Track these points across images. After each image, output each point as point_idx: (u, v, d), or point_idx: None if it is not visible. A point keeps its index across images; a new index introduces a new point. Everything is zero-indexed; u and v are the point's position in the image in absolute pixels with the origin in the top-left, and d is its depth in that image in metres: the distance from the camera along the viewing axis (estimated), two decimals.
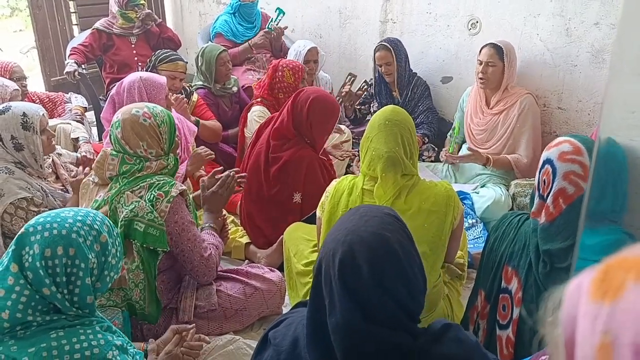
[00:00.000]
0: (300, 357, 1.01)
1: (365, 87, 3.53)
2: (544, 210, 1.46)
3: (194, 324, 1.72)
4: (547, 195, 1.43)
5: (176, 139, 1.92)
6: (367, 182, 1.79)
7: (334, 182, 1.90)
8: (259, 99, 3.00)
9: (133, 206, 1.74)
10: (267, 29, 3.91)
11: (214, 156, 2.78)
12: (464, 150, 3.12)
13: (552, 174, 1.41)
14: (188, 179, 2.70)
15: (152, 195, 1.77)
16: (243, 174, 2.25)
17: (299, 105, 2.47)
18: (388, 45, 3.30)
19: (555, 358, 0.54)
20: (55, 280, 1.17)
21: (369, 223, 0.99)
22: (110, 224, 1.32)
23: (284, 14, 3.90)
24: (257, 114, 2.92)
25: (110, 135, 1.87)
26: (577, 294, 0.52)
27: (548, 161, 1.43)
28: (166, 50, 3.16)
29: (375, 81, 3.52)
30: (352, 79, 3.52)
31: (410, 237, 1.03)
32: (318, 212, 1.90)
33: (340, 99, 3.49)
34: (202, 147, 2.79)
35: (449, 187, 1.77)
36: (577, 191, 1.37)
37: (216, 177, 2.13)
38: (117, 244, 1.32)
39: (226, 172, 2.14)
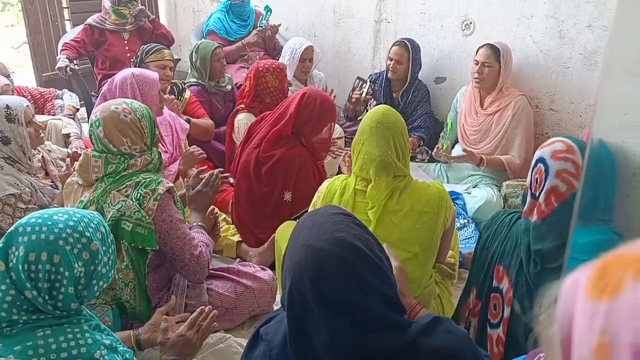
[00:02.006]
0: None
1: (371, 91, 3.49)
2: (535, 209, 1.46)
3: (211, 307, 1.63)
4: (540, 194, 1.44)
5: (156, 132, 1.90)
6: (359, 182, 1.79)
7: (326, 182, 1.89)
8: (243, 106, 2.98)
9: (120, 205, 1.72)
10: (259, 28, 3.89)
11: (206, 156, 2.78)
12: (456, 150, 3.13)
13: (544, 172, 1.42)
14: (181, 177, 2.69)
15: (138, 194, 1.74)
16: (227, 174, 2.25)
17: (309, 105, 2.47)
18: (408, 44, 3.28)
19: (551, 356, 0.53)
20: (37, 286, 1.14)
21: (321, 231, 0.98)
22: (106, 230, 1.28)
23: (270, 11, 3.88)
24: (244, 122, 2.90)
25: (90, 135, 1.83)
26: (573, 291, 0.51)
27: (541, 160, 1.44)
28: (150, 44, 3.14)
29: (377, 77, 3.50)
30: (362, 83, 3.48)
31: (362, 224, 1.04)
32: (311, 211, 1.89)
33: (350, 105, 3.46)
34: (194, 146, 2.78)
35: (441, 188, 1.77)
36: (570, 189, 1.38)
37: (200, 176, 2.14)
38: (110, 252, 1.28)
39: (210, 172, 2.14)
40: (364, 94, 3.45)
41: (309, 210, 1.90)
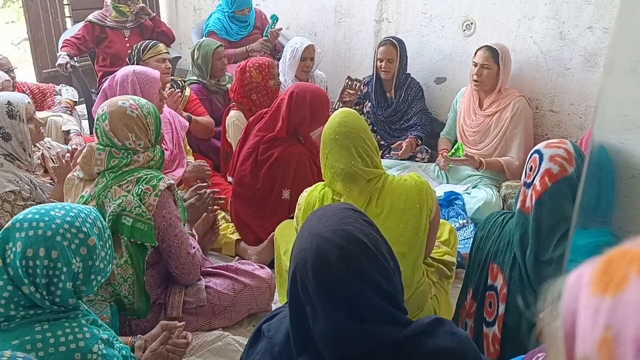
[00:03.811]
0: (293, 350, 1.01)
1: (359, 85, 3.49)
2: (531, 191, 1.52)
3: (184, 322, 1.70)
4: (534, 179, 1.52)
5: (161, 130, 1.91)
6: (336, 192, 1.77)
7: (304, 194, 1.85)
8: (234, 104, 3.00)
9: (120, 200, 1.72)
10: (265, 37, 3.86)
11: (211, 173, 2.83)
12: None
13: (539, 159, 1.52)
14: (184, 184, 2.69)
15: (139, 189, 1.75)
16: (222, 196, 2.35)
17: (299, 104, 2.46)
18: (395, 42, 3.28)
19: (554, 351, 0.53)
20: (35, 281, 1.14)
21: (329, 222, 0.99)
22: (102, 225, 1.29)
23: (277, 19, 3.87)
24: (234, 120, 2.91)
25: (96, 129, 1.84)
26: (577, 286, 0.51)
27: (536, 151, 1.55)
28: (141, 42, 3.14)
29: (370, 80, 3.50)
30: (353, 84, 3.42)
31: (371, 222, 1.04)
32: (295, 224, 1.86)
33: (341, 104, 3.43)
34: (203, 161, 2.84)
35: (419, 180, 1.73)
36: (562, 172, 1.47)
37: (198, 191, 2.23)
38: (107, 247, 1.28)
39: (204, 190, 2.24)
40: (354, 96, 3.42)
41: (294, 222, 1.88)
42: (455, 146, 3.04)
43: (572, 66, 2.96)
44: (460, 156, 2.94)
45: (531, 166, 1.54)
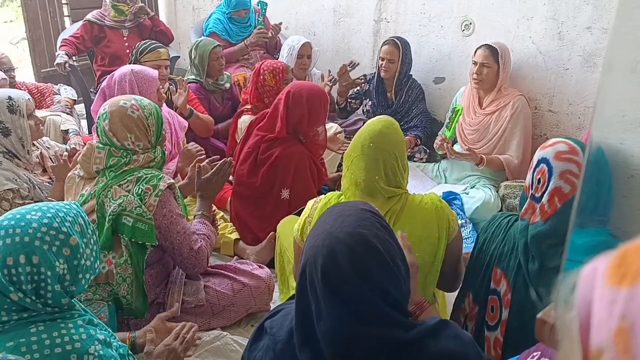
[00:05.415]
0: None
1: (363, 79, 3.49)
2: (538, 208, 1.43)
3: (195, 324, 1.64)
4: (543, 194, 1.41)
5: (163, 132, 1.91)
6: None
7: (317, 205, 1.69)
8: (248, 107, 2.99)
9: (121, 200, 1.72)
10: (259, 26, 3.85)
11: (204, 154, 2.75)
12: (456, 149, 3.12)
13: (547, 173, 1.39)
14: (179, 174, 2.69)
15: (140, 189, 1.75)
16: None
17: (296, 103, 2.45)
18: (398, 42, 3.28)
19: (567, 342, 0.53)
20: (21, 288, 1.12)
21: (345, 222, 0.99)
22: (84, 221, 1.25)
23: (266, 5, 3.84)
24: (246, 124, 2.89)
25: (97, 127, 1.85)
26: (592, 278, 0.51)
27: (543, 160, 1.42)
28: (145, 41, 3.12)
29: (372, 77, 3.50)
30: (354, 64, 3.47)
31: (387, 227, 1.03)
32: (297, 237, 1.73)
33: (336, 78, 3.42)
34: (193, 143, 2.76)
35: (439, 205, 1.62)
36: (572, 190, 1.36)
37: (211, 164, 2.11)
38: (92, 242, 1.25)
39: (222, 160, 2.08)
40: (352, 76, 3.44)
41: (295, 234, 1.74)
42: (455, 109, 2.92)
43: (571, 66, 2.97)
44: (454, 120, 2.88)
45: (539, 178, 1.42)
